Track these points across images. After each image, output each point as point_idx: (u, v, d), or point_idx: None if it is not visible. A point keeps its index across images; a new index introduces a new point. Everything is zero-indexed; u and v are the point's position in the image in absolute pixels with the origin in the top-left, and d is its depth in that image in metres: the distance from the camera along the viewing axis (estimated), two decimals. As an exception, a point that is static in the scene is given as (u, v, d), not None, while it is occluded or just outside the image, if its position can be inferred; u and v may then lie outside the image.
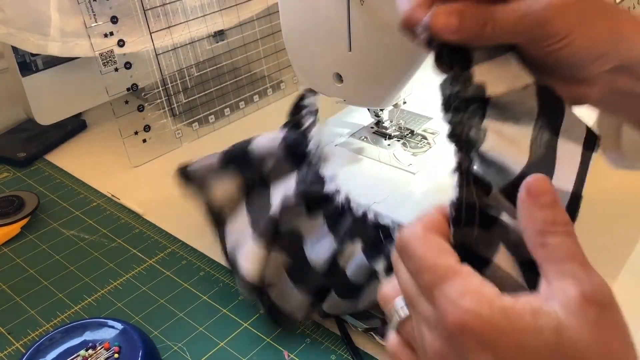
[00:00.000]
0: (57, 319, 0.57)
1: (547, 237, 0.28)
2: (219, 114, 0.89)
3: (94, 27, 0.73)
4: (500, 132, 0.33)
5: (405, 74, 0.54)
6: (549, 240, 0.28)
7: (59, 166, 0.83)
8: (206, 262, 0.63)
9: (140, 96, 0.80)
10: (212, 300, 0.58)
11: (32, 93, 0.82)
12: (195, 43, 0.84)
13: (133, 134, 0.80)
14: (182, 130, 0.85)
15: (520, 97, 0.33)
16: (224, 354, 0.53)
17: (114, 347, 0.49)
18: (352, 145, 0.64)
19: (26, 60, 0.81)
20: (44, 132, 0.87)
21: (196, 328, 0.56)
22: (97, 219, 0.71)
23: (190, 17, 0.82)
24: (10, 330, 0.56)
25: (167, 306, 0.58)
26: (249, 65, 0.92)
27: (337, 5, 0.52)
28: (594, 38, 0.33)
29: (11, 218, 0.70)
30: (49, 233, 0.69)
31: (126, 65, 0.77)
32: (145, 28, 0.77)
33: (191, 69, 0.85)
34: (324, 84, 0.59)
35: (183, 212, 0.71)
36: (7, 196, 0.73)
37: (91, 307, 0.59)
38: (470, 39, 0.33)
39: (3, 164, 0.84)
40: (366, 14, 0.51)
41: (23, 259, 0.65)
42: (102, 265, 0.64)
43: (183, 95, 0.84)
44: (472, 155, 0.33)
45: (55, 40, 0.76)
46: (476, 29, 0.32)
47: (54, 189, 0.78)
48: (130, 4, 0.75)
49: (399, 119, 0.67)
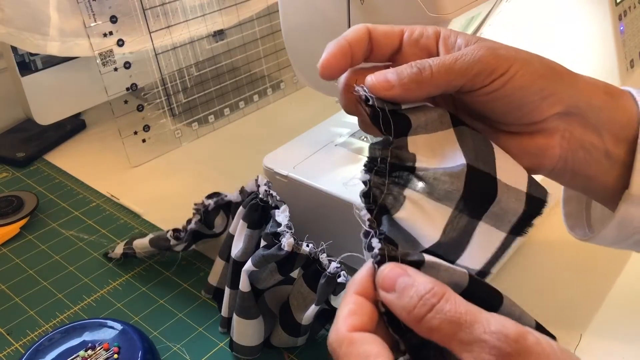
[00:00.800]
0: (57, 319, 0.57)
1: (426, 318, 0.27)
2: (219, 113, 0.89)
3: (93, 26, 0.73)
4: (419, 204, 0.32)
5: (405, 73, 0.54)
6: (432, 322, 0.27)
7: (58, 166, 0.83)
8: (206, 262, 0.63)
9: (140, 96, 0.80)
10: (212, 300, 0.58)
11: (31, 93, 0.82)
12: (195, 43, 0.84)
13: (132, 134, 0.80)
14: (181, 130, 0.85)
15: (449, 177, 0.32)
16: (224, 354, 0.53)
17: (114, 348, 0.49)
18: (352, 145, 0.64)
19: (25, 60, 0.81)
20: (43, 132, 0.87)
21: (196, 328, 0.55)
22: (97, 219, 0.71)
23: (189, 16, 0.82)
24: (9, 331, 0.56)
25: (167, 306, 0.58)
26: (249, 65, 0.92)
27: (337, 5, 0.52)
28: (535, 74, 0.33)
29: (10, 218, 0.70)
30: (48, 233, 0.69)
31: (125, 65, 0.77)
32: (144, 28, 0.77)
33: (191, 69, 0.84)
34: (324, 83, 0.59)
35: (183, 212, 0.70)
36: (6, 196, 0.73)
37: (91, 307, 0.58)
38: (410, 90, 0.32)
39: (2, 164, 0.84)
40: (366, 14, 0.51)
41: (22, 259, 0.65)
42: (102, 265, 0.64)
43: (182, 95, 0.84)
44: (383, 219, 0.32)
45: (55, 40, 0.76)
46: (415, 77, 0.32)
47: (53, 189, 0.77)
48: (129, 4, 0.75)
49: (399, 118, 0.67)
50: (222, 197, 0.57)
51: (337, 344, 0.28)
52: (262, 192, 0.53)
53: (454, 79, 0.33)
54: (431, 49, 0.36)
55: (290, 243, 0.47)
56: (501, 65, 0.33)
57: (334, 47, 0.35)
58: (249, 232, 0.52)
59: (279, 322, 0.52)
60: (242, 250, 0.52)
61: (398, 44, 0.36)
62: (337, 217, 0.57)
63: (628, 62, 0.74)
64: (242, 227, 0.53)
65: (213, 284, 0.58)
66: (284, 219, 0.50)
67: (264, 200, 0.52)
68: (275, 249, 0.48)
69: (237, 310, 0.51)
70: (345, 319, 0.29)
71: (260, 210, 0.52)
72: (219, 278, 0.57)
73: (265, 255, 0.48)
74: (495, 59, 0.33)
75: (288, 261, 0.49)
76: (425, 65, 0.32)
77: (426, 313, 0.27)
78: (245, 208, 0.53)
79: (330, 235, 0.59)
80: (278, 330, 0.52)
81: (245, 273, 0.50)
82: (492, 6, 0.53)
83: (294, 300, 0.51)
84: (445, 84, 0.33)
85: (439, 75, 0.32)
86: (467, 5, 0.49)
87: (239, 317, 0.51)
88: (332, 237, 0.60)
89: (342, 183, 0.54)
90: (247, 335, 0.51)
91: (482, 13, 0.53)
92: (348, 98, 0.35)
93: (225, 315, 0.54)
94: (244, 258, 0.52)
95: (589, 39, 0.72)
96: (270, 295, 0.53)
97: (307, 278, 0.50)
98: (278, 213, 0.50)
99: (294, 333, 0.52)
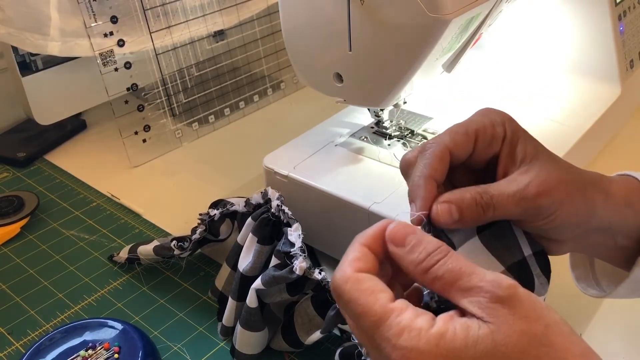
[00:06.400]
0: (57, 319, 0.57)
1: (432, 269, 0.30)
2: (219, 113, 0.89)
3: (93, 26, 0.73)
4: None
5: (405, 74, 0.54)
6: (437, 271, 0.30)
7: (59, 166, 0.83)
8: (207, 263, 0.63)
9: (140, 96, 0.80)
10: (212, 300, 0.58)
11: (31, 93, 0.82)
12: (195, 43, 0.84)
13: (133, 134, 0.80)
14: (182, 130, 0.85)
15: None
16: (224, 354, 0.53)
17: (114, 347, 0.49)
18: (352, 145, 0.64)
19: (26, 60, 0.81)
20: (44, 132, 0.87)
21: (196, 328, 0.55)
22: (97, 219, 0.71)
23: (190, 17, 0.82)
24: (10, 330, 0.56)
25: (167, 306, 0.58)
26: (249, 65, 0.92)
27: (337, 5, 0.52)
28: (573, 212, 0.37)
29: (11, 218, 0.70)
30: (48, 233, 0.69)
31: (126, 65, 0.77)
32: (145, 28, 0.77)
33: (191, 69, 0.85)
34: (324, 83, 0.59)
35: (183, 212, 0.71)
36: (7, 196, 0.73)
37: (91, 307, 0.59)
38: (469, 223, 0.36)
39: (3, 164, 0.84)
40: (366, 14, 0.51)
41: (23, 259, 0.65)
42: (102, 265, 0.64)
43: (183, 95, 0.84)
44: None
45: (55, 40, 0.76)
46: (478, 214, 0.35)
47: (53, 189, 0.78)
48: (130, 4, 0.75)
49: (399, 119, 0.67)
50: (227, 207, 0.56)
51: (342, 281, 0.31)
52: (274, 207, 0.52)
53: (508, 218, 0.37)
54: (495, 150, 0.38)
55: (302, 267, 0.47)
56: (549, 210, 0.36)
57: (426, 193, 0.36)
58: (258, 247, 0.52)
59: (281, 333, 0.52)
60: (251, 264, 0.52)
61: (472, 151, 0.38)
62: (337, 217, 0.57)
63: (628, 62, 0.74)
64: (252, 241, 0.52)
65: (219, 288, 0.58)
66: (296, 238, 0.49)
67: (276, 215, 0.52)
68: (287, 272, 0.47)
69: (243, 322, 0.50)
70: (351, 262, 0.31)
71: (272, 225, 0.52)
72: (224, 284, 0.57)
73: (276, 276, 0.48)
74: (546, 207, 0.36)
75: (298, 284, 0.49)
76: (489, 206, 0.35)
77: (432, 266, 0.30)
78: (255, 220, 0.52)
79: (330, 235, 0.60)
80: (279, 338, 0.52)
81: (254, 290, 0.49)
82: (492, 6, 0.53)
83: (299, 317, 0.51)
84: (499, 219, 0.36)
85: (498, 217, 0.36)
86: (467, 5, 0.49)
87: (244, 329, 0.50)
88: (332, 237, 0.60)
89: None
90: (251, 345, 0.51)
91: (482, 13, 0.53)
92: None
93: (227, 324, 0.54)
94: (252, 273, 0.51)
95: (588, 39, 0.72)
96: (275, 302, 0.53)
97: (316, 302, 0.50)
98: (291, 232, 0.49)
99: (295, 346, 0.52)
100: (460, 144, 0.37)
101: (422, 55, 0.51)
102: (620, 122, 0.79)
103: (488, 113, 0.39)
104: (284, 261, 0.48)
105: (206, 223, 0.57)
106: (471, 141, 0.38)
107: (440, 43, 0.50)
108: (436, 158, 0.36)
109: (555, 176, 0.36)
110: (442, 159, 0.37)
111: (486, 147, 0.38)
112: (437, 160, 0.36)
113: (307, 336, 0.50)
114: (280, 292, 0.49)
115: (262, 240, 0.52)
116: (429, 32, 0.49)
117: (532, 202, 0.35)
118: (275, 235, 0.52)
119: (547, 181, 0.36)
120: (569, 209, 0.36)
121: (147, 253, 0.60)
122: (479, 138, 0.38)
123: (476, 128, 0.38)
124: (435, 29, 0.48)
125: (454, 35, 0.52)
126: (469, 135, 0.37)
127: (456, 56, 0.58)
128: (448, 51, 0.55)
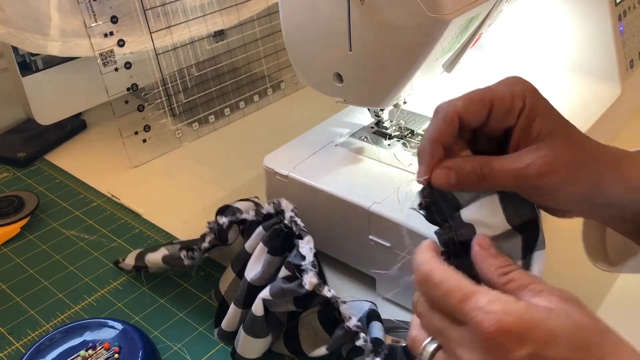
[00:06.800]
0: (57, 319, 0.57)
1: (510, 274, 0.34)
2: (219, 113, 0.89)
3: (94, 27, 0.73)
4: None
5: (405, 74, 0.54)
6: (513, 275, 0.34)
7: (59, 166, 0.83)
8: (207, 263, 0.63)
9: (140, 96, 0.80)
10: (212, 300, 0.58)
11: (32, 93, 0.82)
12: (195, 43, 0.84)
13: (133, 134, 0.80)
14: (182, 130, 0.85)
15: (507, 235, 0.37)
16: (224, 354, 0.53)
17: (114, 347, 0.49)
18: (352, 145, 0.64)
19: (26, 60, 0.81)
20: (44, 132, 0.87)
21: (196, 328, 0.56)
22: (97, 219, 0.71)
23: (190, 17, 0.82)
24: (10, 330, 0.56)
25: (167, 306, 0.58)
26: (249, 65, 0.92)
27: (337, 5, 0.52)
28: (577, 191, 0.37)
29: (11, 218, 0.70)
30: (48, 233, 0.69)
31: (126, 65, 0.77)
32: (145, 28, 0.77)
33: (191, 69, 0.85)
34: (324, 83, 0.59)
35: (183, 212, 0.71)
36: (7, 196, 0.73)
37: (91, 307, 0.59)
38: (467, 189, 0.37)
39: (3, 163, 0.84)
40: (366, 14, 0.51)
41: (23, 259, 0.65)
42: (102, 265, 0.64)
43: (183, 95, 0.84)
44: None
45: (55, 40, 0.76)
46: (474, 183, 0.37)
47: (53, 189, 0.78)
48: (130, 4, 0.75)
49: (399, 119, 0.67)
50: (237, 215, 0.55)
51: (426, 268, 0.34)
52: (287, 219, 0.52)
53: (505, 190, 0.37)
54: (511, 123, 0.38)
55: (312, 283, 0.47)
56: (550, 189, 0.36)
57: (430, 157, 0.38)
58: (269, 257, 0.51)
59: (283, 339, 0.52)
60: (260, 274, 0.51)
61: (485, 120, 0.38)
62: (337, 217, 0.57)
63: (628, 62, 0.74)
64: (262, 250, 0.52)
65: (222, 293, 0.57)
66: (308, 252, 0.49)
67: (288, 227, 0.52)
68: (296, 285, 0.47)
69: (247, 328, 0.50)
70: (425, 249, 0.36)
71: (283, 236, 0.51)
72: (227, 289, 0.57)
73: (285, 289, 0.48)
74: (546, 185, 0.36)
75: (307, 298, 0.48)
76: (486, 176, 0.36)
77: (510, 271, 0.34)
78: (266, 230, 0.52)
79: (330, 235, 0.60)
80: (281, 343, 0.52)
81: (261, 299, 0.49)
82: (492, 6, 0.53)
83: (303, 329, 0.51)
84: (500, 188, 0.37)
85: (494, 187, 0.37)
86: (467, 5, 0.49)
87: (247, 335, 0.50)
88: (332, 237, 0.60)
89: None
90: (253, 351, 0.51)
91: (482, 13, 0.53)
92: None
93: (228, 329, 0.53)
94: (260, 282, 0.51)
95: (588, 39, 0.72)
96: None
97: (323, 317, 0.49)
98: (302, 244, 0.49)
99: (295, 353, 0.52)
100: (472, 111, 0.37)
101: (422, 55, 0.51)
102: (620, 122, 0.79)
103: (512, 83, 0.39)
104: (294, 274, 0.48)
105: (215, 231, 0.56)
106: (485, 110, 0.37)
107: (440, 43, 0.50)
108: (444, 122, 0.37)
109: (564, 157, 0.36)
110: (450, 123, 0.37)
111: (501, 118, 0.38)
112: (445, 124, 0.37)
113: (311, 348, 0.50)
114: (287, 304, 0.49)
115: (273, 251, 0.51)
116: (429, 32, 0.49)
117: (530, 181, 0.36)
118: (286, 246, 0.52)
119: (553, 162, 0.36)
120: (572, 188, 0.36)
121: (156, 262, 0.59)
122: (494, 108, 0.37)
123: (493, 97, 0.37)
124: (435, 29, 0.49)
125: (454, 35, 0.52)
126: (484, 104, 0.37)
127: (456, 56, 0.58)
128: (448, 51, 0.55)
